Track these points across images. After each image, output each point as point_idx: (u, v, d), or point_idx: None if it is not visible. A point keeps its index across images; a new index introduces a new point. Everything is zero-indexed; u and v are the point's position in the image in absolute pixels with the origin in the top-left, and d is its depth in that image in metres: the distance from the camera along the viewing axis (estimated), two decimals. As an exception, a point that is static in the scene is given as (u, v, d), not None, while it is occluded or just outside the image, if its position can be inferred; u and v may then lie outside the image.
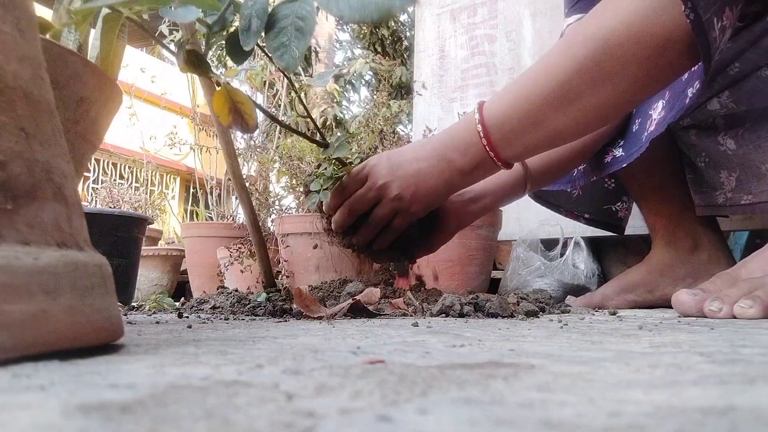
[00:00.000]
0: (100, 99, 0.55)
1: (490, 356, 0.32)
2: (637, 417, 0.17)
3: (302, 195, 1.40)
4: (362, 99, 5.15)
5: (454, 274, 1.23)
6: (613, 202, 1.18)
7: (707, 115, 0.97)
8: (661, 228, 1.05)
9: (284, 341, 0.40)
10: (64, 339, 0.29)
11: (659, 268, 1.03)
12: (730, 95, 0.92)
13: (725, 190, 0.97)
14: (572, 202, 1.17)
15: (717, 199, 0.98)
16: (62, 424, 0.16)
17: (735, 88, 0.91)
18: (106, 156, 3.84)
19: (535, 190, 0.93)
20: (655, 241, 1.06)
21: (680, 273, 1.01)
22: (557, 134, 0.67)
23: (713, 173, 0.98)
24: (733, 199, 0.96)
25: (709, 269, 0.99)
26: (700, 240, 1.02)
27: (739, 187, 0.95)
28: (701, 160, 1.00)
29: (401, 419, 0.17)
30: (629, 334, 0.47)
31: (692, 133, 1.01)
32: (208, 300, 0.90)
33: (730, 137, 0.95)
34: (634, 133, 0.88)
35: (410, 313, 0.75)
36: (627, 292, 1.04)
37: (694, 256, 1.02)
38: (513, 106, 0.68)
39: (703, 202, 1.01)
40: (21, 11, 0.32)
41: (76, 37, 0.62)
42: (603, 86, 0.61)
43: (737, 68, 0.88)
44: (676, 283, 1.00)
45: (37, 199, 0.30)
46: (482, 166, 0.72)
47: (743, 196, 0.95)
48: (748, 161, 0.93)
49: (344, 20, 0.74)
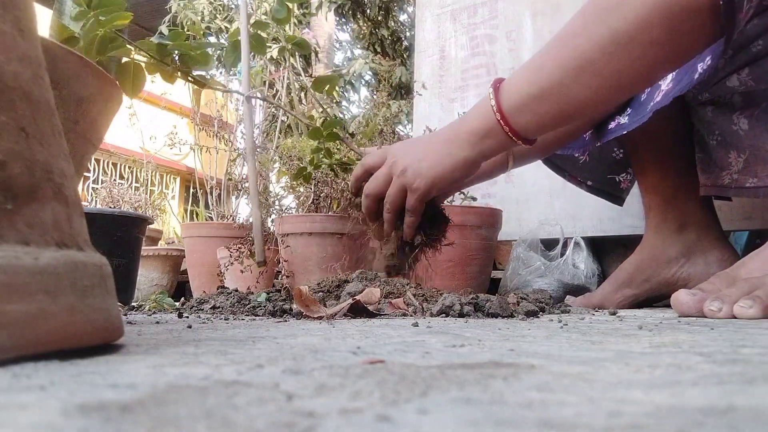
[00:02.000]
0: (100, 99, 0.55)
1: (490, 356, 0.32)
2: (637, 417, 0.17)
3: (303, 196, 1.40)
4: (362, 99, 5.16)
5: (454, 274, 1.23)
6: (618, 173, 1.17)
7: (726, 92, 0.95)
8: (655, 207, 1.04)
9: (284, 341, 0.40)
10: (64, 339, 0.29)
11: (651, 254, 1.03)
12: (750, 73, 0.90)
13: (732, 170, 0.96)
14: (577, 168, 1.16)
15: (723, 179, 0.97)
16: (62, 424, 0.16)
17: (755, 65, 0.89)
18: (106, 156, 3.84)
19: (518, 167, 0.92)
20: (647, 223, 1.06)
21: (672, 254, 1.01)
22: (575, 105, 0.66)
23: (723, 153, 0.97)
24: (738, 181, 0.95)
25: (699, 246, 0.99)
26: (687, 219, 1.02)
27: (746, 169, 0.94)
28: (713, 138, 0.99)
29: (401, 419, 0.17)
30: (629, 334, 0.47)
31: (709, 110, 1.00)
32: (208, 300, 0.90)
33: (745, 117, 0.93)
34: (641, 101, 0.87)
35: (410, 313, 0.75)
36: (625, 287, 1.04)
37: (682, 236, 1.01)
38: (528, 75, 0.67)
39: (708, 182, 1.00)
40: (21, 11, 0.32)
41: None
42: (620, 54, 0.61)
43: (760, 45, 0.86)
44: (669, 265, 1.00)
45: (37, 199, 0.30)
46: (492, 134, 0.70)
47: (749, 178, 0.94)
48: (757, 143, 0.92)
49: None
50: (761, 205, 1.21)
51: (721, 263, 0.98)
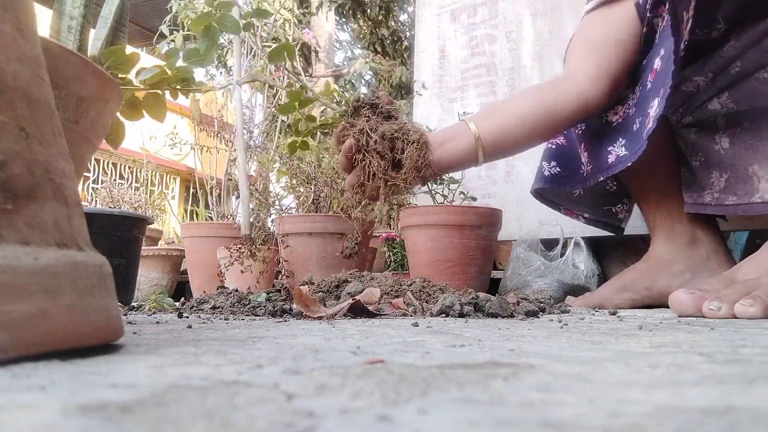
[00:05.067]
0: (100, 99, 0.55)
1: (490, 356, 0.32)
2: (637, 417, 0.17)
3: (303, 196, 1.40)
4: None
5: (454, 274, 1.23)
6: (614, 204, 1.18)
7: (708, 114, 0.97)
8: (661, 224, 1.05)
9: (284, 341, 0.40)
10: (64, 339, 0.29)
11: (657, 264, 1.03)
12: (729, 96, 0.92)
13: (713, 190, 0.98)
14: (572, 202, 1.18)
15: (704, 198, 0.99)
16: (62, 424, 0.16)
17: (735, 89, 0.91)
18: (106, 156, 3.84)
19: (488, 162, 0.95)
20: (654, 237, 1.07)
21: (678, 268, 1.01)
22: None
23: (705, 174, 0.99)
24: (719, 199, 0.97)
25: (707, 265, 0.99)
26: (698, 236, 1.02)
27: (726, 188, 0.96)
28: (696, 159, 1.01)
29: (401, 419, 0.17)
30: (629, 334, 0.47)
31: (692, 132, 1.01)
32: (208, 300, 0.90)
33: (727, 135, 0.96)
34: (635, 132, 0.88)
35: (410, 313, 0.75)
36: (626, 291, 1.04)
37: (692, 251, 1.02)
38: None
39: (690, 200, 1.02)
40: (21, 11, 0.32)
41: (76, 37, 0.62)
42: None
43: (738, 67, 0.89)
44: (674, 278, 1.00)
45: (37, 199, 0.30)
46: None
47: (729, 197, 0.96)
48: (737, 161, 0.94)
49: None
50: (761, 205, 1.21)
51: None
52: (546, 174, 1.12)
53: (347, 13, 4.28)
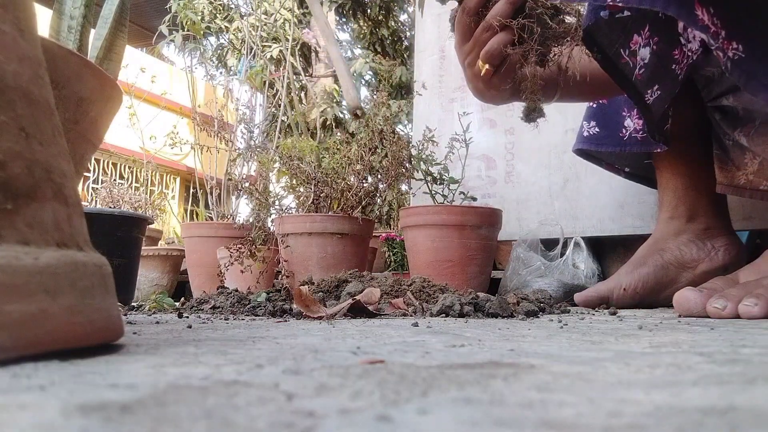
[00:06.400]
0: (100, 99, 0.55)
1: (490, 356, 0.32)
2: (637, 417, 0.17)
3: (303, 196, 1.40)
4: (362, 99, 5.13)
5: (454, 274, 1.23)
6: None
7: (726, 105, 0.98)
8: (666, 203, 1.08)
9: (284, 341, 0.40)
10: (64, 339, 0.29)
11: (664, 236, 1.06)
12: (735, 99, 0.93)
13: (747, 171, 0.99)
14: (614, 156, 1.19)
15: (739, 179, 1.01)
16: (62, 424, 0.16)
17: (738, 94, 0.92)
18: (106, 156, 3.83)
19: (563, 101, 0.96)
20: (658, 219, 1.10)
21: (683, 239, 1.05)
22: None
23: (739, 152, 1.00)
24: (753, 183, 0.98)
25: (707, 234, 1.03)
26: (697, 212, 1.06)
27: (759, 171, 0.97)
28: (729, 139, 1.02)
29: (401, 419, 0.17)
30: (629, 334, 0.47)
31: (717, 116, 1.03)
32: (208, 300, 0.90)
33: (744, 134, 0.96)
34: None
35: (410, 313, 0.75)
36: (640, 266, 1.05)
37: (692, 225, 1.06)
38: None
39: (725, 180, 1.03)
40: (21, 11, 0.32)
41: (76, 37, 0.62)
42: None
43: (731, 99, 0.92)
44: (680, 247, 1.03)
45: (37, 199, 0.30)
46: None
47: (762, 181, 0.96)
48: (764, 153, 0.95)
49: None
50: (761, 206, 1.21)
51: (727, 248, 1.02)
52: (585, 135, 1.15)
53: (347, 13, 4.28)
